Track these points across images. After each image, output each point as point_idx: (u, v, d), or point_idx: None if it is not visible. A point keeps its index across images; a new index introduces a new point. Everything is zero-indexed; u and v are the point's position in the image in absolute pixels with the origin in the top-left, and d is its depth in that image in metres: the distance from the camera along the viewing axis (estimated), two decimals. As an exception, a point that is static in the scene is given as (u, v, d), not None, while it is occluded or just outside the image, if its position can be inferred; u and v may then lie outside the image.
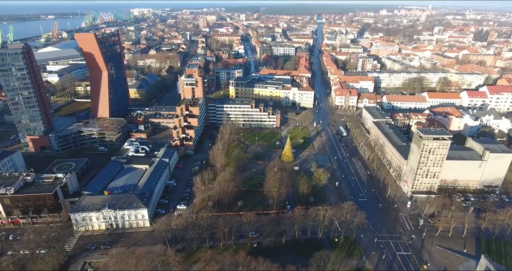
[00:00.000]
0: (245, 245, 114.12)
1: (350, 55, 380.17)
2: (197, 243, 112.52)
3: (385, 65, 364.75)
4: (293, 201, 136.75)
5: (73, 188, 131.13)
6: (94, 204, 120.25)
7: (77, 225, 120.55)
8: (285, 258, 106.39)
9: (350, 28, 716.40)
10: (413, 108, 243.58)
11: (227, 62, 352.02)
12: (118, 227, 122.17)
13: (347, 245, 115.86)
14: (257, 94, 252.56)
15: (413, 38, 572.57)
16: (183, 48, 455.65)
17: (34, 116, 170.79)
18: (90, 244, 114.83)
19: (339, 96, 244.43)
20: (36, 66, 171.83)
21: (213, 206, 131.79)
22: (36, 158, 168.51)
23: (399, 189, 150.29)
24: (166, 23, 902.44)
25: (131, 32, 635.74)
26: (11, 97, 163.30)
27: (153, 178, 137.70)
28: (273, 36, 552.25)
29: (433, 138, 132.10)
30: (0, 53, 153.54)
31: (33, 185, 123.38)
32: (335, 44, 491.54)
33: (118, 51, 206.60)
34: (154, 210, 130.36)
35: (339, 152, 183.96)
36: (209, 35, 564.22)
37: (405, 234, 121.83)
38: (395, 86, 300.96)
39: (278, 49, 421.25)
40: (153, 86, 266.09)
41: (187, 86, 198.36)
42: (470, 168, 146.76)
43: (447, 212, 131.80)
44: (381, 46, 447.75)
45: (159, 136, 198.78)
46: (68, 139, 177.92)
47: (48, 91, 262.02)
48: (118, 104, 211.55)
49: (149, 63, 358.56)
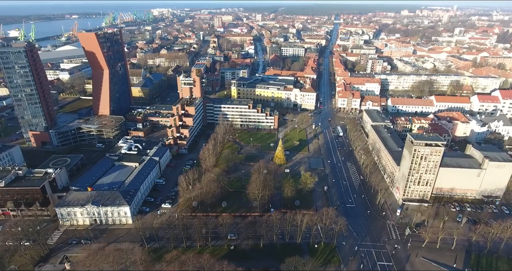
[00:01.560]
0: (222, 247, 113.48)
1: (360, 56, 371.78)
2: (175, 243, 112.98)
3: (396, 67, 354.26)
4: (279, 204, 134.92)
5: (62, 183, 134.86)
6: (79, 200, 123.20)
7: (62, 219, 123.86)
8: (261, 262, 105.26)
9: (366, 29, 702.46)
10: (419, 112, 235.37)
11: (234, 62, 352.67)
12: (101, 223, 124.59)
13: (326, 252, 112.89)
14: (258, 95, 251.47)
15: (431, 40, 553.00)
16: (194, 48, 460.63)
17: (36, 113, 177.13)
18: (73, 238, 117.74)
19: (342, 98, 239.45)
20: (40, 65, 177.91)
21: (197, 206, 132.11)
22: (36, 152, 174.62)
23: (392, 196, 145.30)
24: (183, 23, 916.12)
25: (147, 31, 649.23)
26: (14, 93, 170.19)
27: (140, 176, 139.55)
28: (285, 36, 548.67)
29: (425, 144, 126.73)
30: (4, 51, 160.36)
31: (23, 179, 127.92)
32: (348, 45, 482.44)
33: (121, 51, 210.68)
34: (139, 207, 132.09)
35: (335, 156, 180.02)
36: (222, 35, 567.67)
37: (389, 244, 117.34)
38: (403, 89, 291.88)
39: (288, 50, 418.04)
40: (157, 86, 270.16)
41: (185, 86, 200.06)
42: (468, 177, 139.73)
43: (438, 222, 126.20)
44: (394, 47, 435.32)
45: (157, 134, 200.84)
46: (67, 135, 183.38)
47: (58, 88, 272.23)
48: (120, 102, 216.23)
49: (159, 62, 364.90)
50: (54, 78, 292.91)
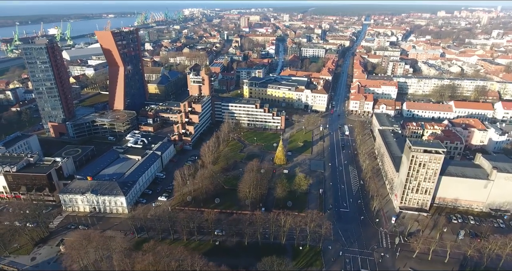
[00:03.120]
0: (208, 242, 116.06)
1: (382, 58, 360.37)
2: (163, 235, 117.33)
3: (420, 70, 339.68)
4: (271, 204, 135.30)
5: (69, 171, 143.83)
6: (81, 188, 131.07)
7: (65, 205, 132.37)
8: (242, 259, 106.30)
9: (396, 30, 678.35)
10: (436, 118, 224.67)
11: (252, 62, 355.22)
12: (100, 211, 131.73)
13: (310, 254, 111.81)
14: (270, 94, 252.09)
15: (464, 42, 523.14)
16: (216, 47, 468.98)
17: (55, 105, 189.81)
18: (72, 223, 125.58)
19: (354, 100, 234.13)
20: (60, 60, 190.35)
21: (191, 200, 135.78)
22: (53, 142, 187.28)
23: (390, 203, 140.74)
24: (211, 22, 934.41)
25: (173, 31, 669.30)
26: (36, 87, 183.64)
27: (140, 169, 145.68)
28: (309, 37, 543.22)
29: (423, 150, 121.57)
30: (28, 48, 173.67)
31: (33, 166, 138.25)
32: (372, 46, 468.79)
33: (136, 49, 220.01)
34: (136, 199, 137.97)
35: (338, 159, 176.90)
36: (245, 35, 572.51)
37: (378, 251, 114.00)
38: (424, 93, 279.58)
39: (307, 51, 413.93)
40: (173, 83, 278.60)
41: (194, 84, 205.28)
42: (474, 188, 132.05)
43: (435, 233, 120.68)
44: (421, 49, 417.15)
45: (166, 130, 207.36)
46: (83, 127, 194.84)
47: (82, 83, 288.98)
48: (135, 98, 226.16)
49: (179, 60, 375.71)
50: (80, 73, 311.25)
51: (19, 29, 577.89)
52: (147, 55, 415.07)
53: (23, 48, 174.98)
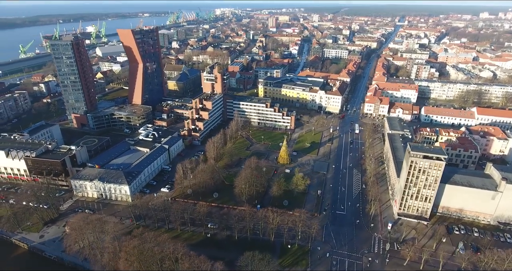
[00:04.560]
0: (200, 233, 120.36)
1: (407, 61, 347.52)
2: (159, 224, 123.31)
3: (447, 74, 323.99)
4: (268, 202, 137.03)
5: (82, 159, 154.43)
6: (90, 175, 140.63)
7: (76, 190, 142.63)
8: (230, 253, 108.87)
9: (429, 32, 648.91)
10: (456, 125, 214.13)
11: (272, 62, 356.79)
12: (106, 198, 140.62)
13: (298, 253, 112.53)
14: (284, 94, 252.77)
15: (504, 46, 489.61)
16: (240, 47, 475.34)
17: (78, 98, 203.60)
18: (80, 207, 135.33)
19: (368, 103, 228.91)
20: (85, 56, 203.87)
21: (191, 193, 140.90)
22: (75, 132, 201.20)
23: (390, 208, 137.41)
24: (240, 22, 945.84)
25: (201, 30, 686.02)
26: (62, 80, 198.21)
27: (146, 161, 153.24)
28: (335, 38, 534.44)
29: (422, 156, 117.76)
30: (55, 44, 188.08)
31: (51, 152, 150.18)
32: (400, 48, 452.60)
33: (156, 47, 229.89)
34: (140, 188, 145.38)
35: (343, 161, 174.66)
36: (271, 35, 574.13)
37: (368, 256, 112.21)
38: (448, 98, 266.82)
39: (330, 52, 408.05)
40: (192, 80, 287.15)
41: (207, 81, 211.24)
42: (481, 198, 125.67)
43: (432, 243, 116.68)
44: (452, 53, 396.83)
45: (179, 125, 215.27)
46: (102, 120, 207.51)
47: (109, 78, 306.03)
48: (153, 93, 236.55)
49: (202, 59, 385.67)
50: (108, 69, 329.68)
51: (61, 26, 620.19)
52: (173, 53, 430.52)
53: (51, 44, 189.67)
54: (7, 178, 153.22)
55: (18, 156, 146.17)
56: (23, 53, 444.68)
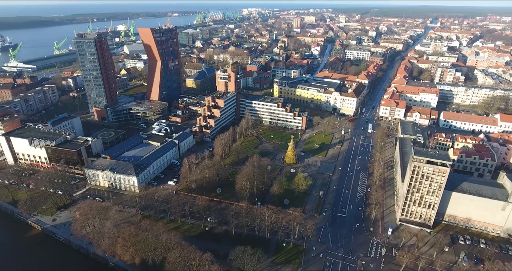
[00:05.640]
0: (199, 226, 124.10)
1: (432, 64, 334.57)
2: (162, 215, 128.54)
3: (475, 79, 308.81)
4: (269, 200, 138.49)
5: (97, 150, 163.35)
6: (102, 165, 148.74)
7: (89, 179, 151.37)
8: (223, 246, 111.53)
9: (462, 34, 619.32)
10: (477, 131, 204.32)
11: (291, 62, 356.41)
12: (115, 187, 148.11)
13: (292, 252, 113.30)
14: (298, 95, 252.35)
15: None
16: (261, 47, 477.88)
17: (99, 92, 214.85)
18: (91, 195, 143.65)
19: (384, 106, 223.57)
20: (107, 53, 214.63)
21: (195, 188, 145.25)
22: (95, 125, 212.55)
23: (393, 213, 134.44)
24: (265, 22, 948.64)
25: (225, 30, 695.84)
26: (85, 75, 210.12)
27: (156, 154, 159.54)
28: (359, 39, 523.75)
29: (426, 161, 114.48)
30: (79, 41, 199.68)
31: (69, 142, 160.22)
32: (427, 51, 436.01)
33: (174, 45, 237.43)
34: (148, 180, 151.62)
35: (351, 164, 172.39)
36: (294, 35, 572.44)
37: (363, 260, 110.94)
38: (472, 103, 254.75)
39: (352, 53, 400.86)
40: (209, 79, 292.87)
41: (221, 80, 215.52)
42: (490, 209, 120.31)
43: (432, 251, 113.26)
44: (483, 56, 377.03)
45: (193, 122, 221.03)
46: (120, 114, 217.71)
47: (132, 75, 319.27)
48: (170, 90, 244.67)
49: (222, 58, 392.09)
50: (132, 66, 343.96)
51: (94, 25, 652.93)
52: (195, 52, 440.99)
53: (76, 41, 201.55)
54: (30, 164, 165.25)
55: (39, 144, 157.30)
56: (57, 49, 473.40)
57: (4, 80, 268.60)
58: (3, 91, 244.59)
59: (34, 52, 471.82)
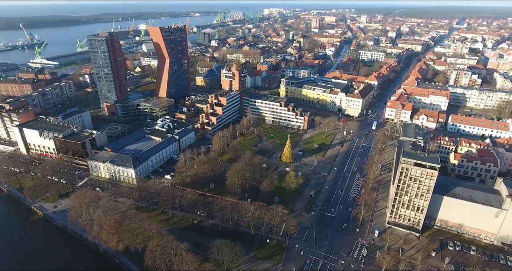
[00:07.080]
0: (188, 219, 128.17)
1: (448, 66, 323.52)
2: (154, 207, 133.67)
3: (493, 82, 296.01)
4: (260, 197, 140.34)
5: (101, 143, 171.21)
6: (104, 157, 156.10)
7: (92, 170, 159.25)
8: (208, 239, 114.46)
9: (488, 36, 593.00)
10: (487, 136, 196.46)
11: (303, 62, 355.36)
12: (115, 179, 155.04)
13: (274, 248, 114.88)
14: (304, 95, 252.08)
15: None
16: (276, 46, 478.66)
17: (110, 88, 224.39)
18: (92, 185, 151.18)
19: (390, 108, 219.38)
20: (118, 50, 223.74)
21: (190, 182, 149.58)
22: (104, 119, 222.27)
23: (384, 216, 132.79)
24: (285, 22, 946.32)
25: (241, 30, 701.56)
26: (97, 72, 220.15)
27: (155, 149, 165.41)
28: (376, 39, 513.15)
29: (414, 163, 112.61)
30: (92, 39, 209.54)
31: (75, 135, 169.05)
32: (447, 52, 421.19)
33: (183, 44, 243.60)
34: (146, 173, 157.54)
35: (348, 165, 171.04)
36: (310, 36, 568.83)
37: (345, 260, 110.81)
38: (486, 107, 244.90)
39: (366, 54, 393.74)
40: (218, 77, 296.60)
41: (226, 78, 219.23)
42: (483, 215, 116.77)
43: (418, 255, 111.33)
44: (506, 59, 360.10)
45: (198, 119, 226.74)
46: (129, 109, 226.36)
47: (146, 72, 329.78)
48: (178, 88, 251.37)
49: (235, 57, 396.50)
50: (147, 64, 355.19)
51: (117, 24, 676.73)
52: (210, 51, 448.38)
53: (89, 39, 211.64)
54: (40, 154, 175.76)
55: (48, 136, 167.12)
56: (79, 47, 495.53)
57: (26, 76, 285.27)
58: (24, 86, 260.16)
59: (59, 49, 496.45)
